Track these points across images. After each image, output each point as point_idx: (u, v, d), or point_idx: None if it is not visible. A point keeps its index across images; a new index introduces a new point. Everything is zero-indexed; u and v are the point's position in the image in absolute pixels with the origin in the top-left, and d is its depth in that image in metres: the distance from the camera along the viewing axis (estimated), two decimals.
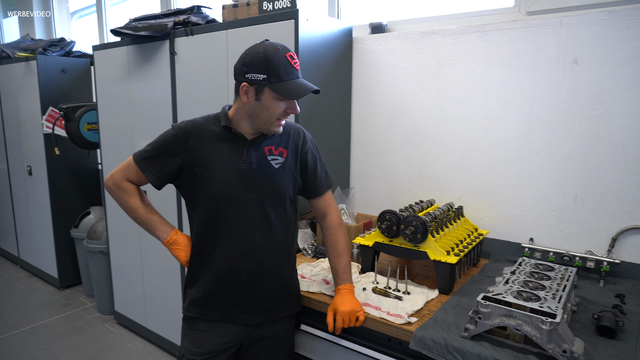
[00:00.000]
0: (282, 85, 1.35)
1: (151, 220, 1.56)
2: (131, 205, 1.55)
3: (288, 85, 1.36)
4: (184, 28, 2.46)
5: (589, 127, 1.81)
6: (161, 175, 1.49)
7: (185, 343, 1.56)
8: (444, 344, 1.31)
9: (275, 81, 1.35)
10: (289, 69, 1.36)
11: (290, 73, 1.37)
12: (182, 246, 1.57)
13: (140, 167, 1.49)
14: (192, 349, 1.53)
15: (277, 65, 1.34)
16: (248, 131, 1.47)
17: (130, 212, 1.57)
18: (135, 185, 1.56)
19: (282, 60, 1.35)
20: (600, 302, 1.58)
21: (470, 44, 2.04)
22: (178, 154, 1.46)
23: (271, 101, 1.37)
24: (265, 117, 1.40)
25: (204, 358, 1.52)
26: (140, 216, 1.56)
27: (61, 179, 3.97)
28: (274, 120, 1.41)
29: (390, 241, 1.76)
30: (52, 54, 3.90)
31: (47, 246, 4.12)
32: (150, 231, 1.57)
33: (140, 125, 2.86)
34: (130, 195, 1.54)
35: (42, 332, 3.35)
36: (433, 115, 2.19)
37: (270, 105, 1.38)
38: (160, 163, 1.48)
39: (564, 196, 1.90)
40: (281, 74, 1.35)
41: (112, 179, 1.54)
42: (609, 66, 1.74)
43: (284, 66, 1.36)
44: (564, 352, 1.17)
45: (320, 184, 1.61)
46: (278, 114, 1.40)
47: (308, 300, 1.66)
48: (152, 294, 3.03)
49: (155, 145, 1.49)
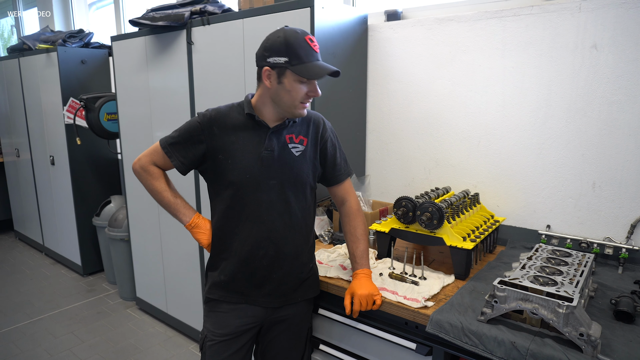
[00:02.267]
0: (303, 67, 1.38)
1: (175, 204, 1.60)
2: (157, 188, 1.59)
3: (308, 66, 1.39)
4: (200, 17, 2.49)
5: (608, 113, 1.79)
6: (186, 160, 1.54)
7: (208, 325, 1.62)
8: (460, 327, 1.33)
9: (296, 63, 1.38)
10: (309, 51, 1.39)
11: (311, 55, 1.40)
12: (204, 229, 1.61)
13: (166, 152, 1.54)
14: (214, 330, 1.59)
15: (298, 48, 1.37)
16: (271, 118, 1.51)
17: (155, 194, 1.61)
18: (161, 170, 1.60)
19: (302, 43, 1.38)
20: (619, 288, 1.58)
21: (487, 30, 2.03)
22: (202, 140, 1.50)
23: (293, 84, 1.40)
24: (288, 100, 1.43)
25: (226, 338, 1.57)
26: (164, 199, 1.60)
27: (82, 168, 4.06)
28: (297, 104, 1.44)
29: (406, 227, 1.78)
30: (72, 45, 3.97)
31: (70, 234, 4.23)
32: (173, 214, 1.62)
33: (158, 115, 2.91)
34: (156, 179, 1.59)
35: (67, 316, 3.47)
36: (449, 103, 2.19)
37: (292, 87, 1.41)
38: (185, 149, 1.52)
39: (582, 183, 1.89)
40: (302, 55, 1.38)
41: (140, 162, 1.59)
42: (629, 51, 1.71)
43: (304, 49, 1.38)
44: (580, 336, 1.18)
45: (340, 172, 1.64)
46: (301, 97, 1.43)
47: (326, 285, 1.69)
48: (172, 280, 3.11)
49: (181, 132, 1.53)
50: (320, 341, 1.79)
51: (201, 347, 1.63)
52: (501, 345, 1.25)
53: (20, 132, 4.76)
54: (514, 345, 1.23)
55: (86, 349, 3.02)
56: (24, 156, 4.79)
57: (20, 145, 4.82)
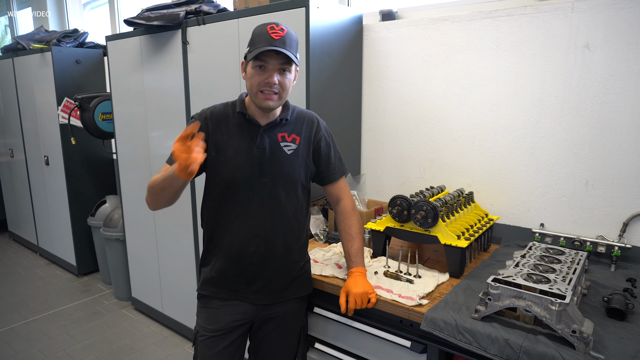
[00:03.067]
0: (252, 51, 1.40)
1: (164, 173, 1.40)
2: (153, 182, 1.43)
3: (257, 49, 1.39)
4: (195, 17, 2.49)
5: (600, 112, 1.80)
6: None
7: (200, 320, 1.63)
8: (454, 325, 1.34)
9: (251, 49, 1.41)
10: (264, 37, 1.39)
11: (265, 40, 1.39)
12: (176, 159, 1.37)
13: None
14: (206, 326, 1.60)
15: (257, 36, 1.41)
16: (259, 115, 1.52)
17: (155, 189, 1.43)
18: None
19: (263, 31, 1.41)
20: (611, 285, 1.59)
21: (481, 30, 2.04)
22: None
23: (250, 70, 1.43)
24: (249, 88, 1.46)
25: (216, 334, 1.58)
26: (158, 181, 1.41)
27: (77, 168, 4.05)
28: (256, 91, 1.44)
29: (401, 226, 1.79)
30: (66, 45, 3.96)
31: (65, 234, 4.22)
32: (169, 182, 1.38)
33: (154, 115, 2.91)
34: (153, 177, 1.46)
35: (62, 317, 3.46)
36: (443, 102, 2.20)
37: (250, 74, 1.43)
38: None
39: (575, 181, 1.90)
40: (256, 41, 1.40)
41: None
42: (620, 51, 1.73)
43: (261, 35, 1.40)
44: (573, 332, 1.19)
45: (334, 171, 1.65)
46: (257, 84, 1.42)
47: (321, 283, 1.70)
48: (168, 280, 3.10)
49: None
50: (315, 340, 1.80)
51: (194, 342, 1.64)
52: (495, 342, 1.26)
53: (14, 132, 4.74)
54: (507, 342, 1.24)
55: (81, 349, 3.01)
56: (18, 156, 4.77)
57: (14, 145, 4.80)
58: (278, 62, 1.42)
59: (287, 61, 1.42)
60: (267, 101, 1.45)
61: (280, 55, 1.40)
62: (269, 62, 1.41)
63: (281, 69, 1.43)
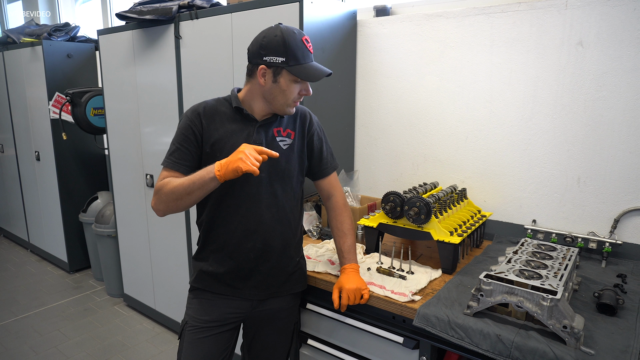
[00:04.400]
0: (300, 67, 1.40)
1: (192, 177, 1.38)
2: (174, 188, 1.39)
3: (306, 68, 1.41)
4: (188, 11, 2.47)
5: (593, 109, 1.81)
6: (192, 163, 1.48)
7: (190, 311, 1.60)
8: (447, 321, 1.34)
9: (293, 64, 1.40)
10: (305, 53, 1.42)
11: (307, 56, 1.42)
12: (228, 161, 1.34)
13: (170, 166, 1.46)
14: (197, 317, 1.57)
15: (295, 49, 1.39)
16: (259, 112, 1.51)
17: (179, 193, 1.39)
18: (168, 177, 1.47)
19: (300, 44, 1.40)
20: (602, 281, 1.61)
21: (475, 27, 2.04)
22: (195, 133, 1.49)
23: (289, 83, 1.43)
24: (282, 99, 1.45)
25: (208, 326, 1.56)
26: (183, 185, 1.38)
27: (68, 164, 4.01)
28: (291, 102, 1.47)
29: (394, 222, 1.79)
30: (57, 39, 3.91)
31: (56, 231, 4.18)
32: (199, 185, 1.36)
33: (146, 110, 2.88)
34: (169, 183, 1.41)
35: (53, 314, 3.44)
36: (437, 98, 2.20)
37: (288, 87, 1.43)
38: (185, 152, 1.48)
39: (567, 178, 1.91)
40: (299, 57, 1.40)
41: (153, 194, 1.46)
42: (613, 48, 1.74)
43: (302, 50, 1.40)
44: (564, 328, 1.20)
45: (326, 166, 1.64)
46: (294, 96, 1.45)
47: (314, 279, 1.70)
48: (160, 276, 3.09)
49: (176, 138, 1.50)
50: (308, 336, 1.80)
51: (180, 335, 1.61)
52: (487, 338, 1.27)
53: (4, 127, 4.68)
54: (499, 337, 1.25)
55: (73, 346, 2.99)
56: (8, 152, 4.71)
57: (4, 140, 4.74)
58: None
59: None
60: (294, 109, 1.50)
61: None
62: None
63: None
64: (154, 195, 1.46)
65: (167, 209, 1.44)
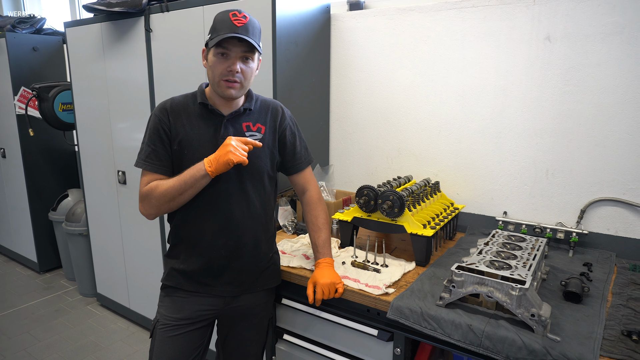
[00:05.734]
0: (215, 37, 1.37)
1: (182, 177, 1.40)
2: (165, 191, 1.41)
3: (218, 37, 1.36)
4: (159, 4, 2.41)
5: (561, 103, 1.86)
6: (169, 162, 1.47)
7: (162, 310, 1.57)
8: (420, 313, 1.36)
9: (213, 37, 1.38)
10: (226, 24, 1.37)
11: (227, 27, 1.36)
12: (217, 155, 1.39)
13: (147, 168, 1.45)
14: (169, 315, 1.55)
15: (218, 22, 1.39)
16: (222, 105, 1.49)
17: (171, 195, 1.41)
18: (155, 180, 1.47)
19: (225, 19, 1.38)
20: (569, 270, 1.65)
21: (447, 21, 2.06)
22: (165, 130, 1.46)
23: (212, 58, 1.41)
24: (211, 76, 1.43)
25: (180, 324, 1.54)
26: (175, 187, 1.40)
27: (37, 161, 3.89)
28: (218, 80, 1.41)
29: (368, 216, 1.80)
30: (22, 31, 3.77)
31: (24, 230, 4.05)
32: (191, 184, 1.39)
33: (117, 105, 2.81)
34: (159, 186, 1.42)
35: (23, 315, 3.33)
36: (410, 93, 2.22)
37: (212, 62, 1.41)
38: (162, 152, 1.46)
39: (536, 170, 1.96)
40: (218, 28, 1.38)
41: (140, 200, 1.46)
42: (579, 43, 1.78)
43: (223, 22, 1.38)
44: (532, 316, 1.23)
45: (300, 160, 1.63)
46: (220, 72, 1.40)
47: (288, 274, 1.69)
48: (134, 274, 3.03)
49: (148, 138, 1.47)
50: (284, 331, 1.79)
51: (151, 334, 1.58)
52: (458, 328, 1.29)
53: None
54: (470, 327, 1.27)
55: (43, 348, 2.91)
56: None
57: None
58: (241, 49, 1.39)
59: (249, 49, 1.40)
60: (230, 90, 1.42)
61: (243, 43, 1.37)
62: (231, 49, 1.38)
63: (244, 57, 1.41)
64: (142, 201, 1.45)
65: (159, 212, 1.46)
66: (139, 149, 1.50)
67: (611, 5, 1.70)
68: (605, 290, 1.50)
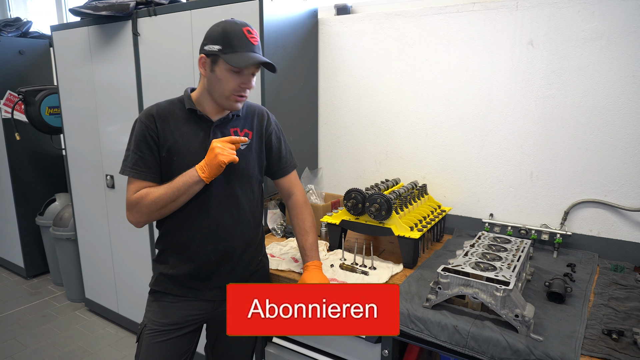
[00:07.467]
0: (233, 55, 1.36)
1: (175, 184, 1.41)
2: (156, 198, 1.40)
3: (239, 55, 1.36)
4: (146, 8, 2.41)
5: (543, 107, 1.89)
6: (157, 169, 1.46)
7: (149, 314, 1.56)
8: (407, 314, 1.38)
9: (228, 52, 1.36)
10: (244, 42, 1.37)
11: (245, 45, 1.37)
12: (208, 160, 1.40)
13: (139, 177, 1.44)
14: (156, 320, 1.54)
15: (232, 37, 1.36)
16: (213, 112, 1.49)
17: (163, 202, 1.41)
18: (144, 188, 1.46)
19: (238, 33, 1.37)
20: (553, 271, 1.68)
21: (432, 26, 2.09)
22: (152, 137, 1.45)
23: (225, 73, 1.39)
24: (219, 89, 1.41)
25: (167, 329, 1.53)
26: (167, 194, 1.40)
27: (23, 165, 3.85)
28: (229, 94, 1.41)
29: (356, 219, 1.82)
30: (8, 34, 3.74)
31: (11, 235, 4.00)
32: (184, 191, 1.40)
33: (105, 109, 2.80)
34: (149, 194, 1.42)
35: (9, 322, 3.29)
36: (397, 96, 2.24)
37: (224, 77, 1.39)
38: (149, 159, 1.44)
39: (521, 173, 1.99)
40: (235, 45, 1.36)
41: (128, 208, 1.45)
42: (561, 47, 1.82)
43: (239, 38, 1.37)
44: (516, 317, 1.25)
45: (286, 165, 1.64)
46: (232, 88, 1.40)
47: (277, 278, 1.70)
48: (123, 279, 3.01)
49: (135, 145, 1.45)
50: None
51: (138, 339, 1.56)
52: (444, 329, 1.31)
53: None
54: (456, 328, 1.29)
55: (30, 354, 2.88)
56: None
57: None
58: (256, 67, 1.41)
59: (258, 66, 1.42)
60: (238, 104, 1.44)
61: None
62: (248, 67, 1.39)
63: (254, 72, 1.43)
64: (131, 209, 1.44)
65: (149, 219, 1.47)
66: (124, 156, 1.48)
67: (590, 11, 1.74)
68: (588, 291, 1.53)
